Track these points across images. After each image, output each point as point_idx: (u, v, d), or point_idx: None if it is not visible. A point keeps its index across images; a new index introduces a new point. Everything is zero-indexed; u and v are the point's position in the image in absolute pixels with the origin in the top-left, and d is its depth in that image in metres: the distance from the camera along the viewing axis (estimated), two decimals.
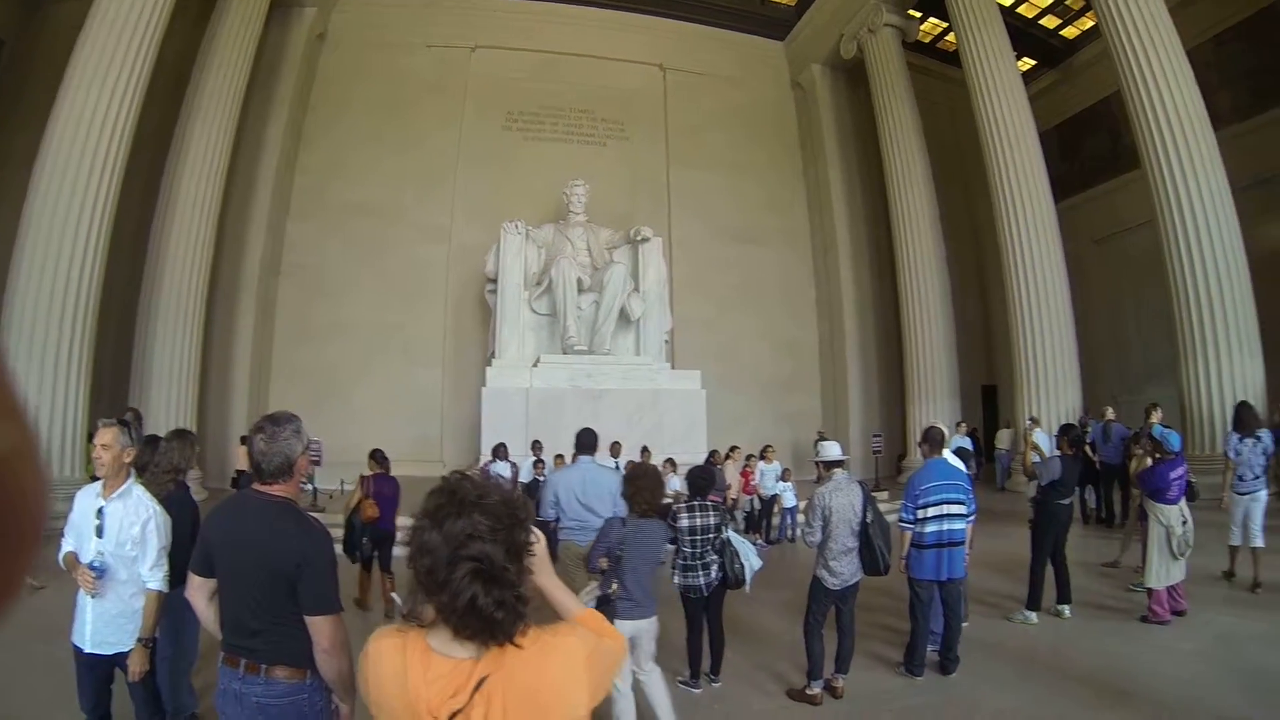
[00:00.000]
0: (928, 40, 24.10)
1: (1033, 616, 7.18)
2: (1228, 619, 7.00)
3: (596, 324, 15.78)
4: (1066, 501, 7.53)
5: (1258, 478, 8.20)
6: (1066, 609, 7.28)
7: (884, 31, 20.81)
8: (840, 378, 22.23)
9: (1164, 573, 6.90)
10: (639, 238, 16.65)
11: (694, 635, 5.71)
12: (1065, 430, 7.99)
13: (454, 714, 1.46)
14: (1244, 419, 8.75)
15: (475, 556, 1.50)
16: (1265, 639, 6.37)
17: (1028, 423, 13.60)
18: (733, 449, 13.72)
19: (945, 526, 5.92)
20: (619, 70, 22.45)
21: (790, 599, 5.89)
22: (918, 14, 21.73)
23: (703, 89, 23.09)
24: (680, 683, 5.66)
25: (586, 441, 6.32)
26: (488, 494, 1.58)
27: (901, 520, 6.05)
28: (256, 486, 2.82)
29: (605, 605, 4.52)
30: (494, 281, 16.24)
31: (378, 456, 8.30)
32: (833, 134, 22.99)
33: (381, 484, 8.02)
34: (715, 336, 21.04)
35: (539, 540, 1.72)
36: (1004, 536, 10.83)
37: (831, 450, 5.93)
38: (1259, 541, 8.00)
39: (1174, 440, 7.45)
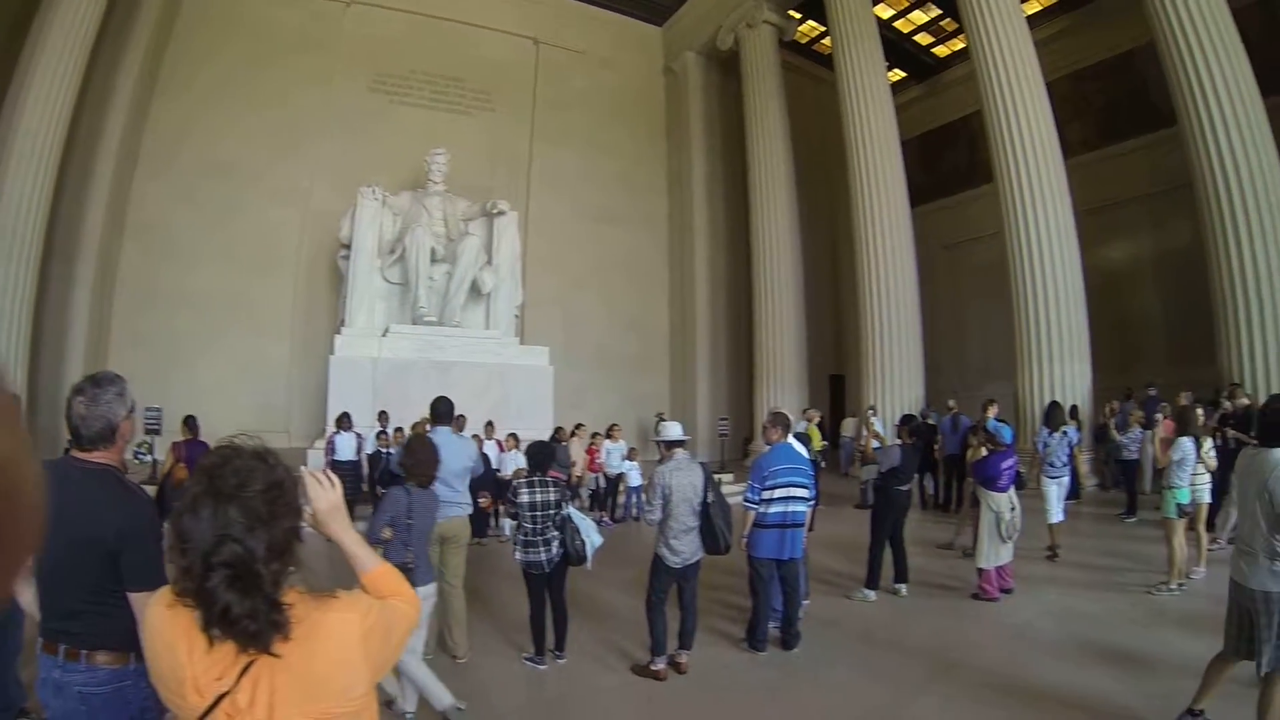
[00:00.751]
0: (804, 41, 24.58)
1: (871, 595, 7.46)
2: (1051, 596, 7.45)
3: (448, 295, 15.46)
4: (905, 488, 7.87)
5: (1065, 465, 9.44)
6: (903, 588, 7.59)
7: (762, 28, 21.17)
8: (689, 361, 22.56)
9: (993, 554, 7.32)
10: (495, 211, 16.41)
11: (538, 612, 5.66)
12: (905, 420, 8.43)
13: (220, 696, 1.41)
14: (1052, 416, 9.89)
15: (228, 562, 1.39)
16: (1086, 615, 6.81)
17: (868, 412, 14.20)
18: (578, 426, 13.73)
19: (789, 508, 6.04)
20: (493, 40, 21.89)
21: (634, 576, 5.93)
22: (798, 15, 22.16)
23: (575, 67, 22.85)
24: (525, 660, 5.68)
25: (442, 410, 6.12)
26: (249, 480, 1.45)
27: (746, 500, 6.13)
28: (75, 453, 2.54)
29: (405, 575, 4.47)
30: (348, 248, 15.64)
31: (190, 423, 8.27)
32: (700, 121, 23.24)
33: (194, 449, 7.96)
34: (566, 314, 20.97)
35: (333, 488, 1.69)
36: (845, 520, 11.42)
37: (672, 430, 5.92)
38: (1058, 517, 9.22)
39: (1006, 434, 8.01)
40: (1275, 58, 16.13)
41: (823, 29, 22.43)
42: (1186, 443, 7.45)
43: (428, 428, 6.33)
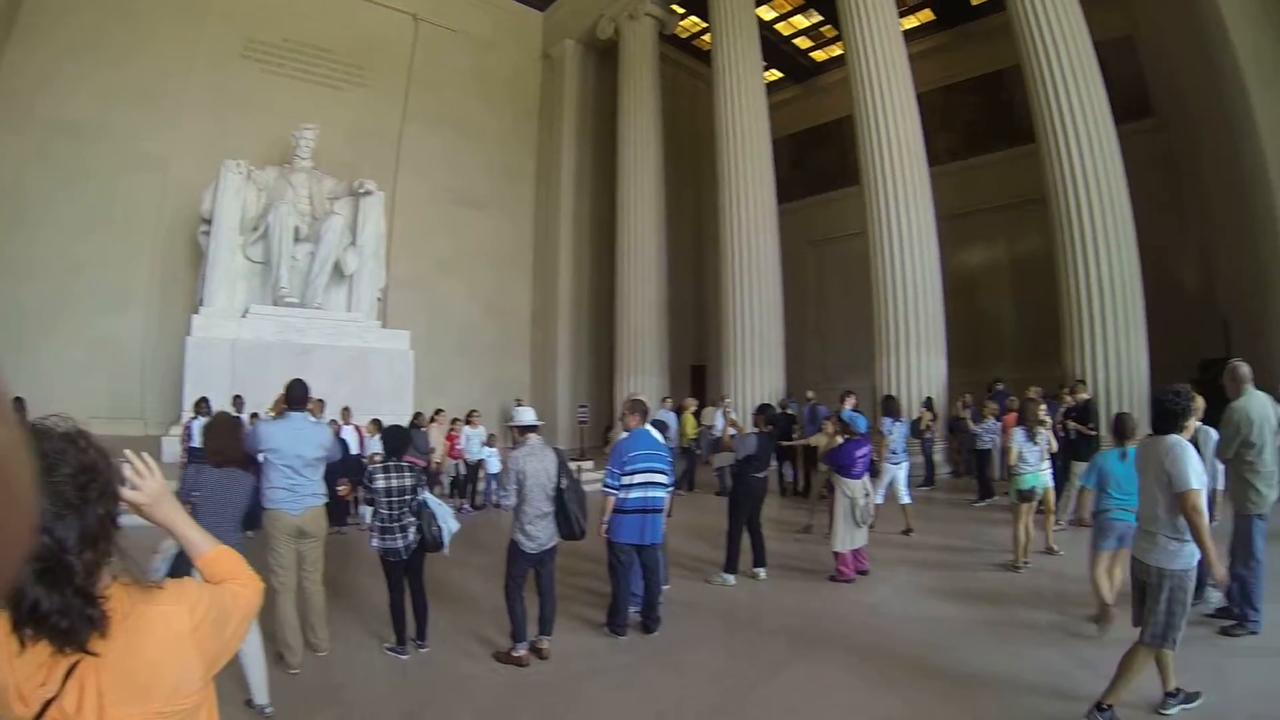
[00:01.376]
0: (685, 36, 24.84)
1: (730, 579, 7.58)
2: (905, 576, 7.74)
3: (310, 276, 15.04)
4: (761, 475, 8.03)
5: (904, 450, 10.30)
6: (762, 571, 7.72)
7: (644, 20, 21.26)
8: (550, 348, 22.56)
9: (848, 538, 7.55)
10: (362, 191, 16.08)
11: (396, 600, 5.55)
12: (761, 409, 8.57)
13: (47, 702, 1.27)
14: (890, 408, 10.75)
15: (35, 553, 1.23)
16: (937, 591, 7.12)
17: (724, 402, 14.43)
18: (438, 412, 13.46)
19: (648, 494, 6.08)
20: (370, 13, 21.17)
21: (494, 563, 5.83)
22: (680, 10, 22.41)
23: (453, 46, 22.38)
24: (387, 649, 5.55)
25: (297, 394, 5.73)
26: (58, 465, 1.30)
27: (606, 485, 6.12)
28: None
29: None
30: (209, 223, 15.00)
31: (18, 405, 7.51)
32: (574, 109, 23.18)
33: None
34: (430, 298, 20.60)
35: (154, 473, 1.54)
36: (705, 506, 11.59)
37: (525, 415, 5.88)
38: (906, 499, 9.94)
39: (860, 423, 8.23)
40: (1129, 89, 17.48)
41: (704, 25, 22.61)
42: (1019, 432, 7.95)
43: (283, 411, 5.95)
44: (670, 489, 6.40)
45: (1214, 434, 6.08)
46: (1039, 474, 7.87)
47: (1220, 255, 17.14)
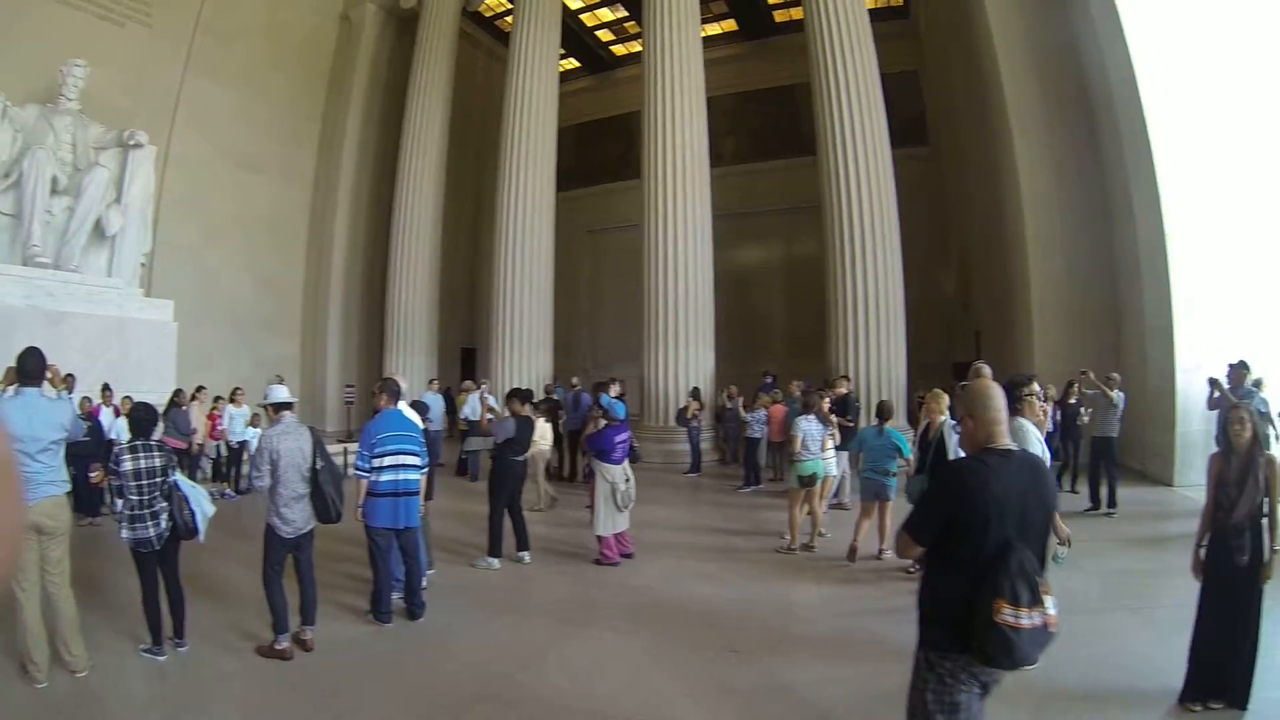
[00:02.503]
0: (488, 15, 24.54)
1: (495, 563, 7.66)
2: (671, 560, 7.93)
3: (67, 234, 13.60)
4: (520, 458, 8.13)
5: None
6: (526, 555, 7.83)
7: None
8: (321, 325, 21.75)
9: (610, 522, 7.72)
10: (132, 142, 14.67)
11: (151, 596, 5.16)
12: (514, 393, 8.59)
13: None
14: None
15: None
16: (704, 574, 7.36)
17: (481, 387, 14.27)
18: (199, 389, 12.49)
19: (400, 476, 6.00)
20: None
21: (257, 550, 5.51)
22: None
23: None
24: (143, 651, 5.17)
25: (30, 367, 4.93)
26: None
27: (357, 469, 6.02)
28: None
29: None
30: None
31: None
32: (366, 77, 22.32)
33: None
34: (199, 266, 18.83)
35: None
36: (467, 489, 11.59)
37: (279, 393, 5.73)
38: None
39: (619, 409, 8.33)
40: (910, 118, 19.03)
41: (510, 6, 22.12)
42: (804, 422, 8.31)
43: (12, 389, 5.11)
44: (424, 470, 6.26)
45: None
46: (820, 461, 8.24)
47: (976, 272, 19.13)
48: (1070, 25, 14.08)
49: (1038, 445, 4.95)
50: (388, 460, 5.92)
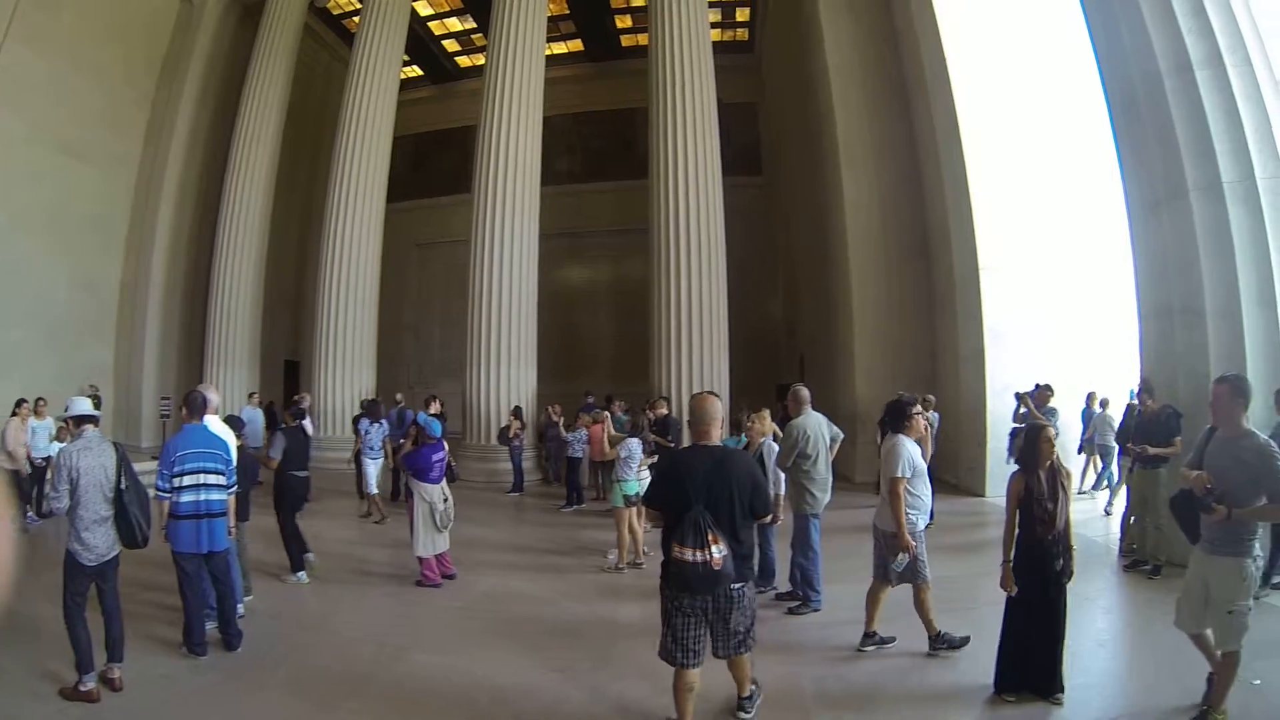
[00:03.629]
0: (336, 13, 23.89)
1: (303, 577, 7.49)
2: (494, 580, 7.84)
3: None
4: (303, 474, 8.00)
5: (380, 448, 11.55)
6: (302, 575, 7.62)
7: None
8: (139, 329, 20.09)
9: (430, 543, 7.54)
10: None
11: None
12: (286, 406, 8.72)
13: None
14: (371, 410, 11.89)
15: None
16: (526, 595, 7.32)
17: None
18: (20, 403, 11.27)
19: (203, 497, 5.57)
20: None
21: (59, 581, 4.92)
22: None
23: None
24: None
25: None
26: None
27: (158, 489, 5.52)
28: None
29: None
30: None
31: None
32: (202, 65, 20.81)
33: None
34: (2, 258, 16.70)
35: None
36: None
37: (80, 405, 5.33)
38: (373, 490, 11.43)
39: (435, 428, 8.19)
40: (745, 148, 19.81)
41: (358, 6, 21.39)
42: (634, 443, 8.48)
43: None
44: (232, 490, 5.90)
45: (775, 446, 6.99)
46: (640, 481, 8.31)
47: (803, 299, 19.96)
48: (901, 69, 15.11)
49: (910, 459, 5.46)
50: (188, 480, 5.49)
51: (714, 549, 3.68)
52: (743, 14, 23.54)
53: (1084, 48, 9.30)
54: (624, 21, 23.49)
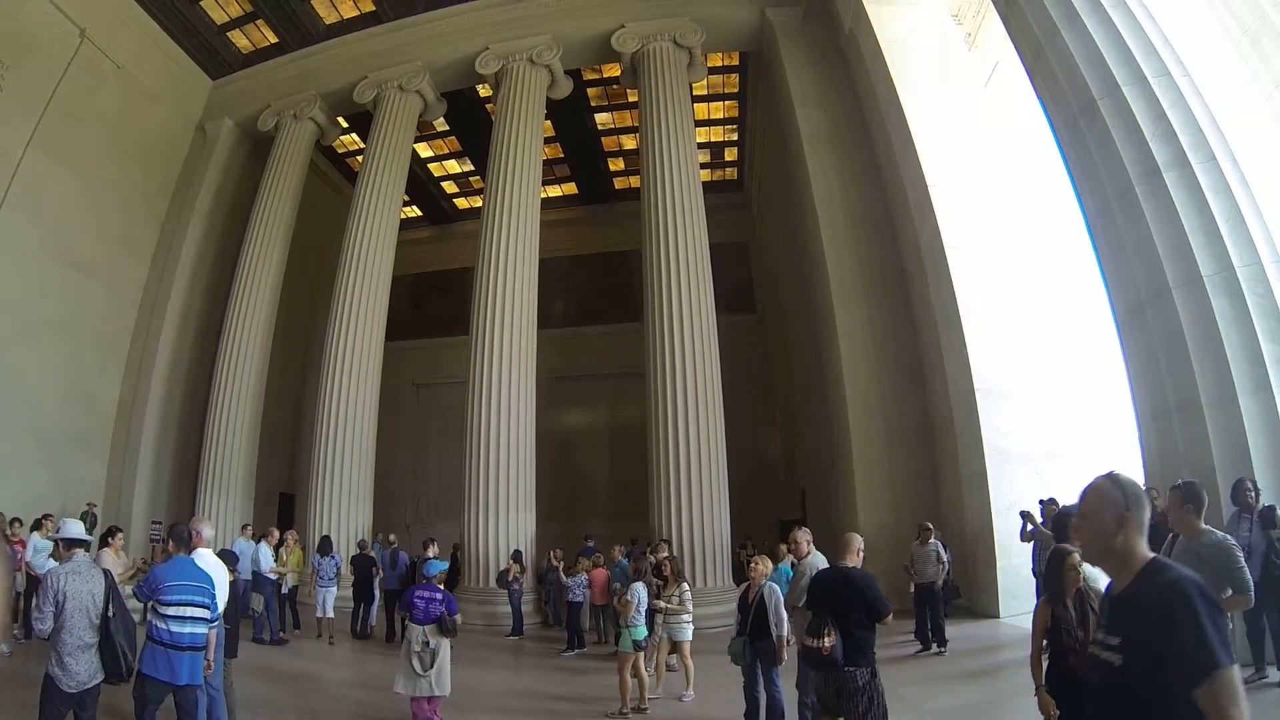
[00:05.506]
0: (341, 151, 24.72)
1: None
2: None
3: None
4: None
5: (333, 578, 12.60)
6: None
7: (307, 123, 20.88)
8: (134, 449, 19.73)
9: (408, 683, 7.13)
10: None
11: None
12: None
13: None
14: (324, 546, 12.89)
15: None
16: None
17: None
18: (14, 522, 11.22)
19: (187, 629, 5.35)
20: (38, 8, 17.41)
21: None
22: (344, 124, 22.34)
23: (111, 82, 19.32)
24: None
25: None
26: None
27: (136, 594, 5.48)
28: None
29: None
30: None
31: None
32: (211, 193, 21.40)
33: None
34: (1, 366, 16.80)
35: None
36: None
37: (72, 528, 5.27)
38: (329, 613, 12.37)
39: (431, 568, 7.88)
40: (737, 286, 20.16)
41: (361, 146, 22.25)
42: (639, 588, 8.26)
43: None
44: (213, 624, 5.64)
45: (775, 588, 6.78)
46: (644, 626, 8.12)
47: (802, 434, 19.82)
48: (885, 201, 15.48)
49: None
50: (172, 610, 5.27)
51: (826, 640, 4.81)
52: (731, 154, 24.32)
53: (1057, 166, 9.67)
54: (617, 164, 24.29)
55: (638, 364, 16.36)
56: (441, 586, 7.81)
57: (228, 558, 6.94)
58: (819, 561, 6.69)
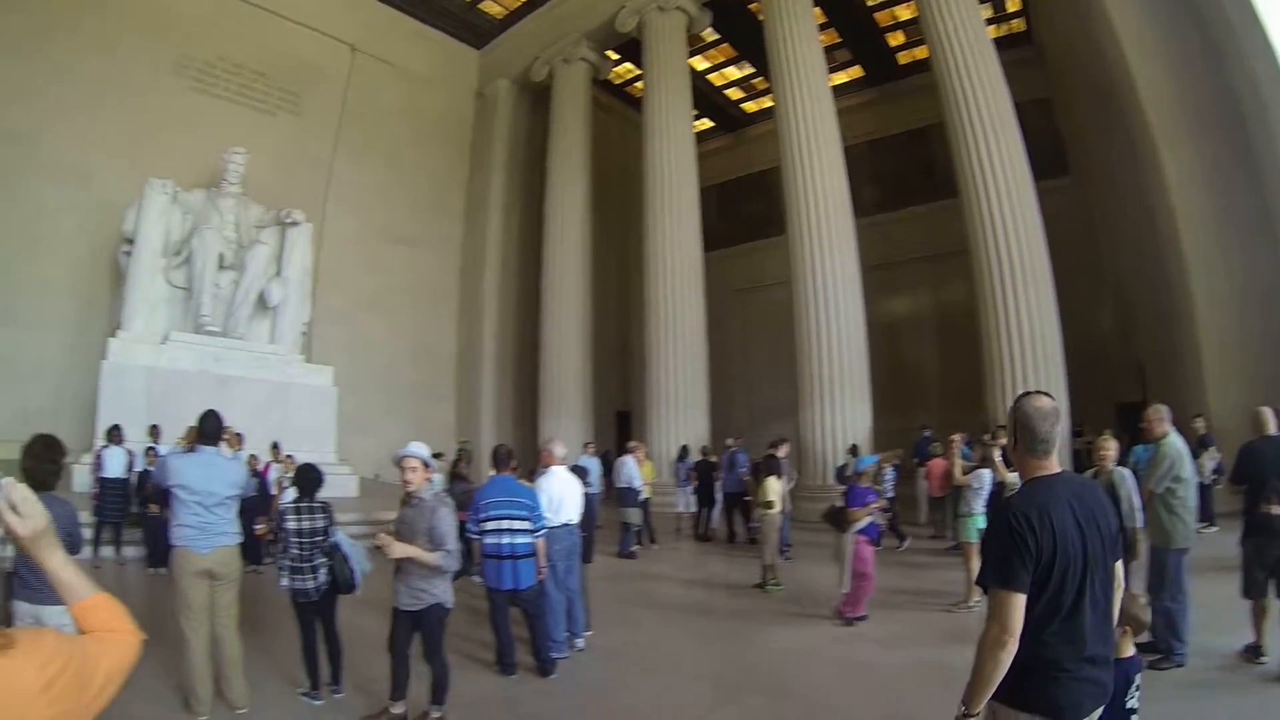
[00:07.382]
0: (618, 82, 25.20)
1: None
2: (899, 626, 7.10)
3: (233, 305, 14.62)
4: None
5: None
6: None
7: (578, 64, 21.62)
8: (475, 389, 22.30)
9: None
10: (289, 221, 15.70)
11: (309, 642, 5.33)
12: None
13: None
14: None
15: None
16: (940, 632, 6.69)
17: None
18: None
19: (505, 540, 6.02)
20: (309, 40, 20.67)
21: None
22: (615, 56, 22.76)
23: (388, 80, 22.23)
24: (301, 695, 5.30)
25: (209, 428, 5.29)
26: None
27: (468, 531, 6.10)
28: None
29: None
30: (131, 243, 14.31)
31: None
32: (504, 148, 23.27)
33: None
34: (353, 335, 20.03)
35: (35, 515, 1.41)
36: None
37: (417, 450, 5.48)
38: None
39: (865, 463, 8.27)
40: (1046, 147, 18.24)
41: (638, 72, 22.77)
42: (986, 474, 7.97)
43: (194, 444, 5.50)
44: (538, 534, 6.14)
45: (1128, 474, 6.05)
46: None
47: (1135, 304, 17.79)
48: (1205, 27, 12.84)
49: None
50: (490, 525, 5.99)
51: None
52: (1013, 2, 21.60)
53: None
54: (896, 39, 22.76)
55: (952, 243, 15.80)
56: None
57: (579, 472, 7.37)
58: (1178, 442, 5.99)
